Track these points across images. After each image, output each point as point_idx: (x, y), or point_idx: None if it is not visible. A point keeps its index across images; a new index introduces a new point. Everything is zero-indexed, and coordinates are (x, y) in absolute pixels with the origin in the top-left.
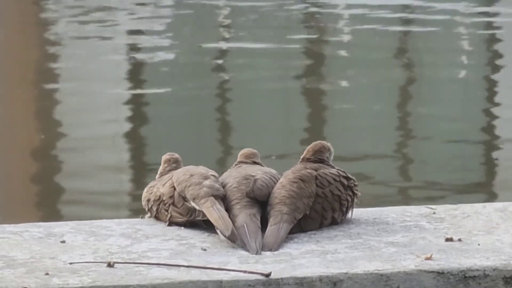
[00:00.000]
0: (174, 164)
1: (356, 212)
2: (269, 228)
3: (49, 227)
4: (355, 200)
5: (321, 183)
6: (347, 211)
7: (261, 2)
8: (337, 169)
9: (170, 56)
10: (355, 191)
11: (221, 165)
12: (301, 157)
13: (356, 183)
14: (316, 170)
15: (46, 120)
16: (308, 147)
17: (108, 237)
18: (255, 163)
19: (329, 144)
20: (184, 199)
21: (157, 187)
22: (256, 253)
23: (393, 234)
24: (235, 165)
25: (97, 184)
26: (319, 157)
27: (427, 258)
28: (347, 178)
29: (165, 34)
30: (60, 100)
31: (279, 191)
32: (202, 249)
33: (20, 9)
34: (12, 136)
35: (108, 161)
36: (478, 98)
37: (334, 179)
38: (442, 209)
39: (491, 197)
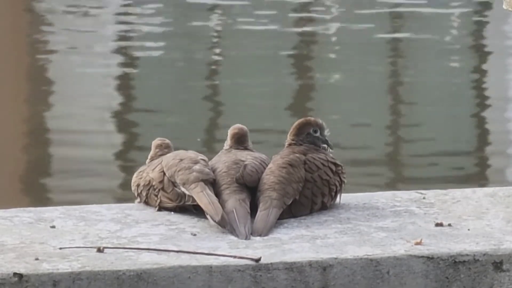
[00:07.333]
0: (166, 149)
1: (346, 197)
2: (258, 214)
3: (39, 212)
4: (343, 186)
5: (310, 168)
6: (335, 196)
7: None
8: (326, 154)
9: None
10: (342, 178)
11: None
12: (288, 135)
13: (343, 170)
14: (304, 155)
15: (34, 103)
16: (293, 124)
17: (98, 222)
18: (246, 148)
19: (315, 119)
20: (174, 184)
21: (147, 172)
22: (246, 238)
23: (383, 219)
24: (225, 149)
25: (87, 168)
26: (304, 134)
27: (417, 243)
28: (335, 164)
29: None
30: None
31: (268, 177)
32: (192, 234)
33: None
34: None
35: (98, 143)
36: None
37: (323, 164)
38: (432, 194)
39: (481, 182)
